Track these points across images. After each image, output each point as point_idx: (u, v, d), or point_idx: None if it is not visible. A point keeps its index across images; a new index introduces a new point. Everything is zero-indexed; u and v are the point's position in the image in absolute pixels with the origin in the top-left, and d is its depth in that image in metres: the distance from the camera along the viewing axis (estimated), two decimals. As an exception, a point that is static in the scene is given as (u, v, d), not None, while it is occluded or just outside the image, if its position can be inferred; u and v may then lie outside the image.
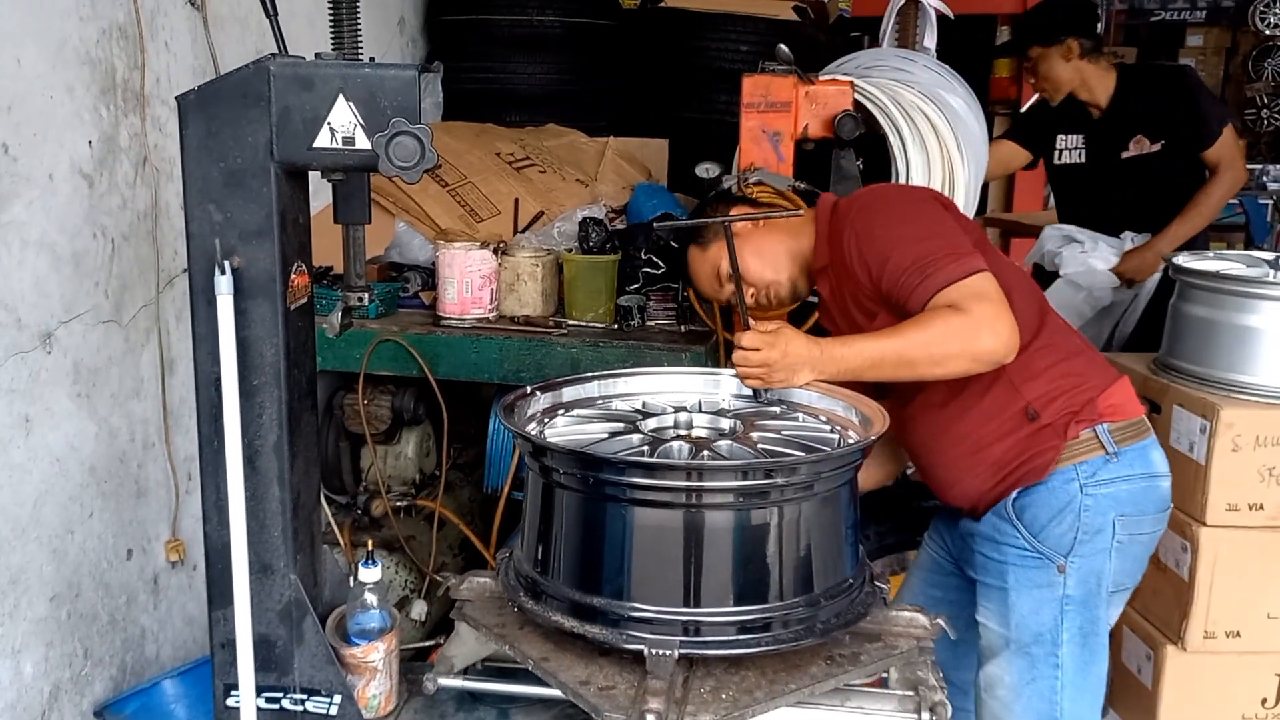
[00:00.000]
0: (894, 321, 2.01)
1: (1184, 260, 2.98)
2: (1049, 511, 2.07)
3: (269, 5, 1.80)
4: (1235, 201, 9.17)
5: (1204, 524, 2.71)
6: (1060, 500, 2.07)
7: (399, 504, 3.24)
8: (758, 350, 1.96)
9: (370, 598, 1.78)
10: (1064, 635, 2.09)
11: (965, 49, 4.87)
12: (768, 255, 2.25)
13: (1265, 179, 9.57)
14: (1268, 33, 10.87)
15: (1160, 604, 2.87)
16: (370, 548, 1.87)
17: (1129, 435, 2.11)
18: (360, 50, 1.79)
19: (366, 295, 1.91)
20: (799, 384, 1.98)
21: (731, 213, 2.27)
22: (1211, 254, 3.18)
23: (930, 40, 3.45)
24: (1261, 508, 2.70)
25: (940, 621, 1.80)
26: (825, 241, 2.20)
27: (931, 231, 2.04)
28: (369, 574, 1.77)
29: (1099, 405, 2.09)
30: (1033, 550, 2.08)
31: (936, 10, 3.43)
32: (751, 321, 2.05)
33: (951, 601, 2.32)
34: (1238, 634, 2.75)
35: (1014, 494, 2.10)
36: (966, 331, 1.91)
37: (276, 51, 1.71)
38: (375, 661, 1.78)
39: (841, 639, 1.72)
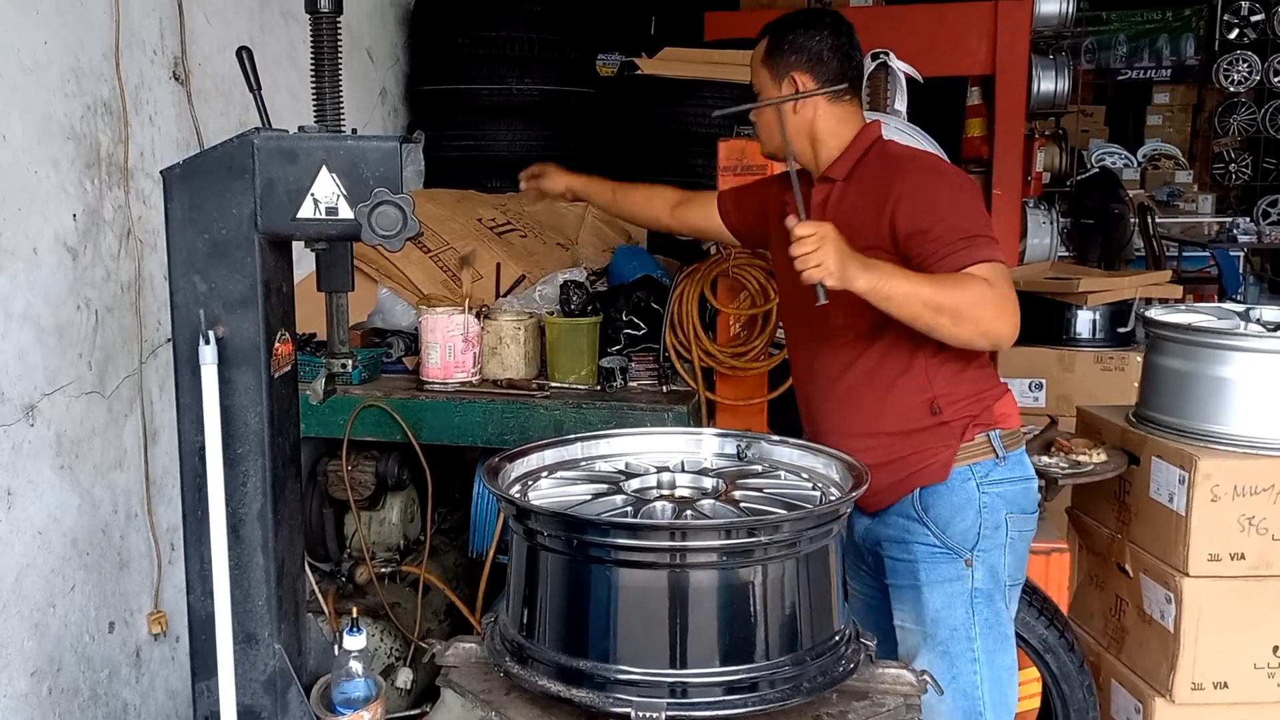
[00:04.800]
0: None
1: (1157, 313, 3.03)
2: (952, 508, 2.19)
3: (253, 80, 1.83)
4: (1208, 254, 9.35)
5: (1187, 574, 2.72)
6: (961, 497, 2.19)
7: (383, 570, 3.21)
8: (812, 234, 1.97)
9: (355, 666, 1.77)
10: (976, 630, 2.20)
11: (936, 111, 4.96)
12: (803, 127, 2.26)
13: (1235, 231, 9.74)
14: (1232, 89, 11.13)
15: (1147, 656, 2.87)
16: (355, 615, 1.86)
17: (1012, 442, 2.26)
18: (343, 122, 1.82)
19: (350, 361, 1.92)
20: (849, 277, 1.97)
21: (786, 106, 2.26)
22: (1184, 306, 3.23)
23: (901, 103, 3.52)
24: (1243, 557, 2.71)
25: (927, 678, 1.80)
26: (853, 160, 2.24)
27: (981, 212, 2.18)
28: (354, 642, 1.76)
29: (994, 412, 2.24)
30: (941, 545, 2.20)
31: (906, 74, 3.51)
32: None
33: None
34: (1225, 685, 2.76)
35: (917, 492, 2.20)
36: (994, 306, 2.01)
37: (260, 125, 1.75)
38: (361, 730, 1.76)
39: (829, 697, 1.71)
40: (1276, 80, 10.91)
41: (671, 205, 2.72)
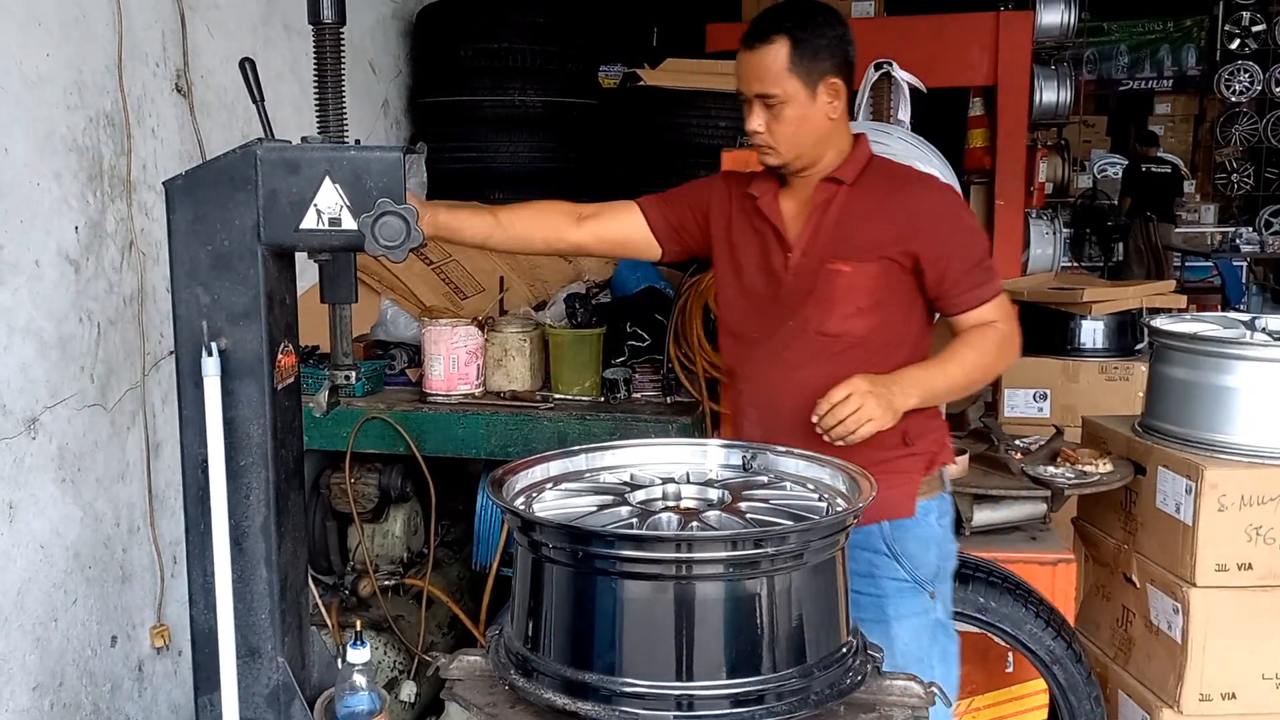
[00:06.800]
0: (865, 278, 2.13)
1: (1162, 323, 3.02)
2: (921, 543, 2.22)
3: (255, 92, 1.83)
4: (1211, 264, 9.36)
5: (1194, 585, 2.70)
6: (926, 531, 2.22)
7: (387, 583, 3.20)
8: (846, 395, 1.94)
9: (359, 679, 1.76)
10: (936, 658, 2.22)
11: (939, 121, 4.97)
12: (810, 136, 2.15)
13: (1238, 241, 9.74)
14: (1233, 99, 11.14)
15: (1154, 667, 2.85)
16: (358, 628, 1.85)
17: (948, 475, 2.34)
18: (346, 133, 1.82)
19: (353, 374, 1.92)
20: (899, 408, 2.00)
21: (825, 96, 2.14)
22: (1189, 316, 3.22)
23: (904, 113, 3.52)
24: (1250, 567, 2.70)
25: (934, 689, 1.79)
26: (860, 165, 2.19)
27: (981, 231, 2.27)
28: (357, 655, 1.75)
29: (947, 448, 2.29)
30: (910, 580, 2.20)
31: (910, 84, 3.50)
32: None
33: None
34: (1233, 696, 2.74)
35: (886, 525, 2.19)
36: (1010, 346, 2.15)
37: (264, 136, 1.74)
38: (365, 745, 1.75)
39: (836, 710, 1.70)
40: (1278, 90, 10.93)
41: (575, 219, 2.31)
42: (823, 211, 2.17)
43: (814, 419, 1.98)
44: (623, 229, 2.35)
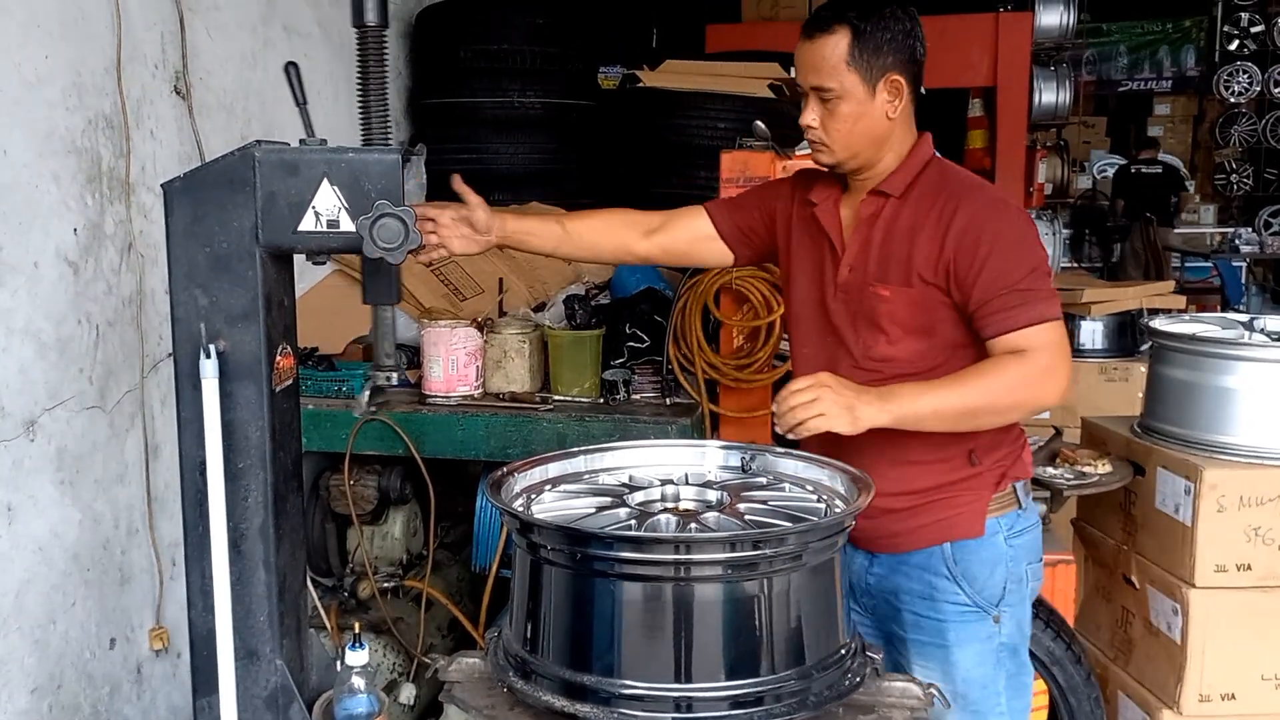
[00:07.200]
0: (906, 303, 1.98)
1: (1161, 324, 3.02)
2: (985, 565, 2.08)
3: (299, 95, 1.82)
4: (1210, 265, 9.35)
5: (1193, 586, 2.70)
6: (991, 553, 2.08)
7: (386, 585, 3.20)
8: (805, 387, 1.82)
9: (358, 682, 1.76)
10: (1002, 684, 2.11)
11: (939, 121, 4.97)
12: (866, 135, 2.02)
13: (1238, 241, 9.74)
14: (1232, 100, 11.15)
15: (1154, 668, 2.85)
16: (357, 630, 1.85)
17: (1029, 489, 2.17)
18: (389, 137, 1.80)
19: (395, 374, 1.90)
20: (863, 418, 1.83)
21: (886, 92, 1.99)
22: (1188, 317, 3.22)
23: (904, 114, 3.51)
24: (1250, 568, 2.70)
25: (933, 691, 1.79)
26: (912, 175, 2.04)
27: (1036, 253, 1.99)
28: (356, 657, 1.75)
29: (1024, 461, 2.13)
30: (973, 604, 2.08)
31: (909, 85, 3.50)
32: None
33: None
34: (1233, 697, 2.74)
35: (948, 547, 2.07)
36: (1034, 383, 1.89)
37: (305, 137, 1.73)
38: (363, 747, 1.75)
39: (835, 711, 1.70)
40: (1277, 91, 10.94)
41: (643, 231, 2.24)
42: (869, 227, 2.05)
43: (773, 408, 1.89)
44: (690, 238, 2.27)
